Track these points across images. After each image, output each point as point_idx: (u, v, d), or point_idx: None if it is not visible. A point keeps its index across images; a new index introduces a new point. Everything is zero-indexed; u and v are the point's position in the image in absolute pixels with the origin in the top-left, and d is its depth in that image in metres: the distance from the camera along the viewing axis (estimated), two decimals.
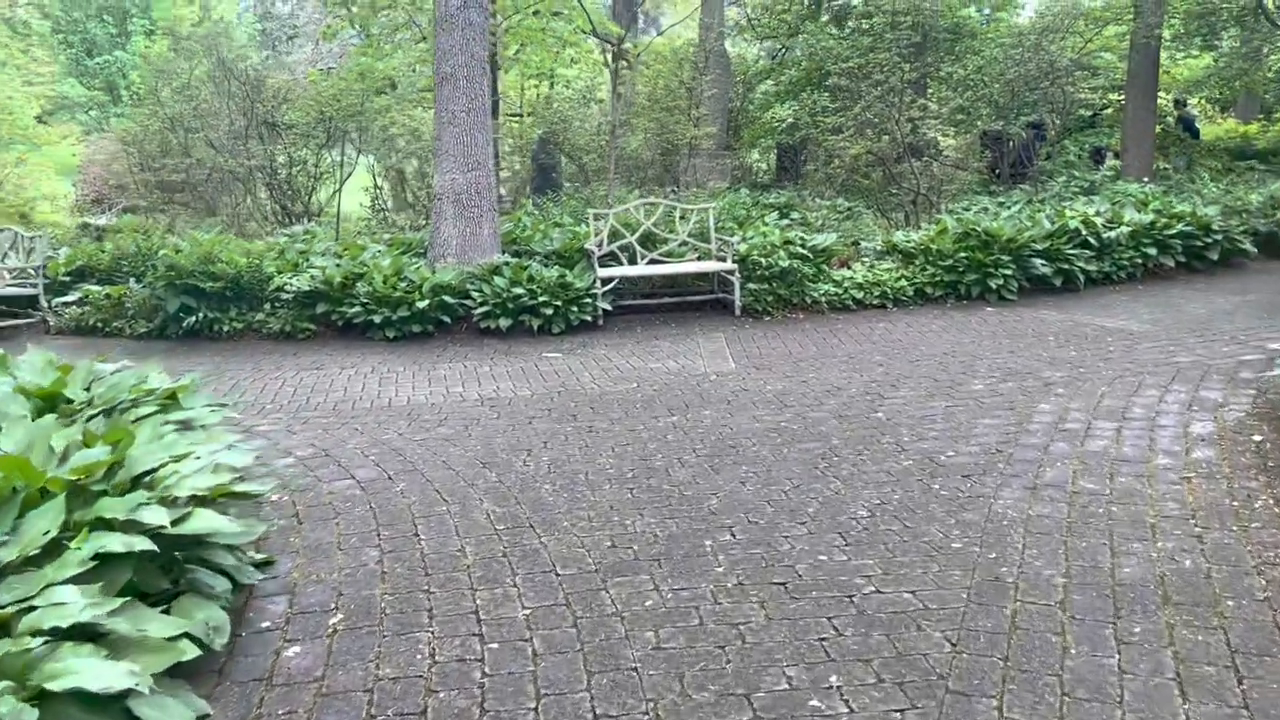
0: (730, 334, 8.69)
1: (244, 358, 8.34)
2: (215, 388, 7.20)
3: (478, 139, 9.59)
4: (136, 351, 8.73)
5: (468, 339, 8.79)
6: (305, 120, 15.94)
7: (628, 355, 7.96)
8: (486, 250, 9.65)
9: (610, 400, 6.51)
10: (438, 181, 9.78)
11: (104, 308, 9.51)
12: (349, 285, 8.92)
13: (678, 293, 9.94)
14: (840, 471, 4.93)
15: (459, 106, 9.51)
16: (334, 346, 8.64)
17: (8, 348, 9.31)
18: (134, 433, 3.42)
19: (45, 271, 10.44)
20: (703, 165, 17.86)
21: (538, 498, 4.65)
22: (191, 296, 9.09)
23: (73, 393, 4.43)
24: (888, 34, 14.22)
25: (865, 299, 9.53)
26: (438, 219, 9.73)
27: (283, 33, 56.81)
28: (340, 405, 6.58)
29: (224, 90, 13.84)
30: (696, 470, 5.01)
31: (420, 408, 6.47)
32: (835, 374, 7.07)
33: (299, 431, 5.92)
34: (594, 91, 19.49)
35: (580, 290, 8.96)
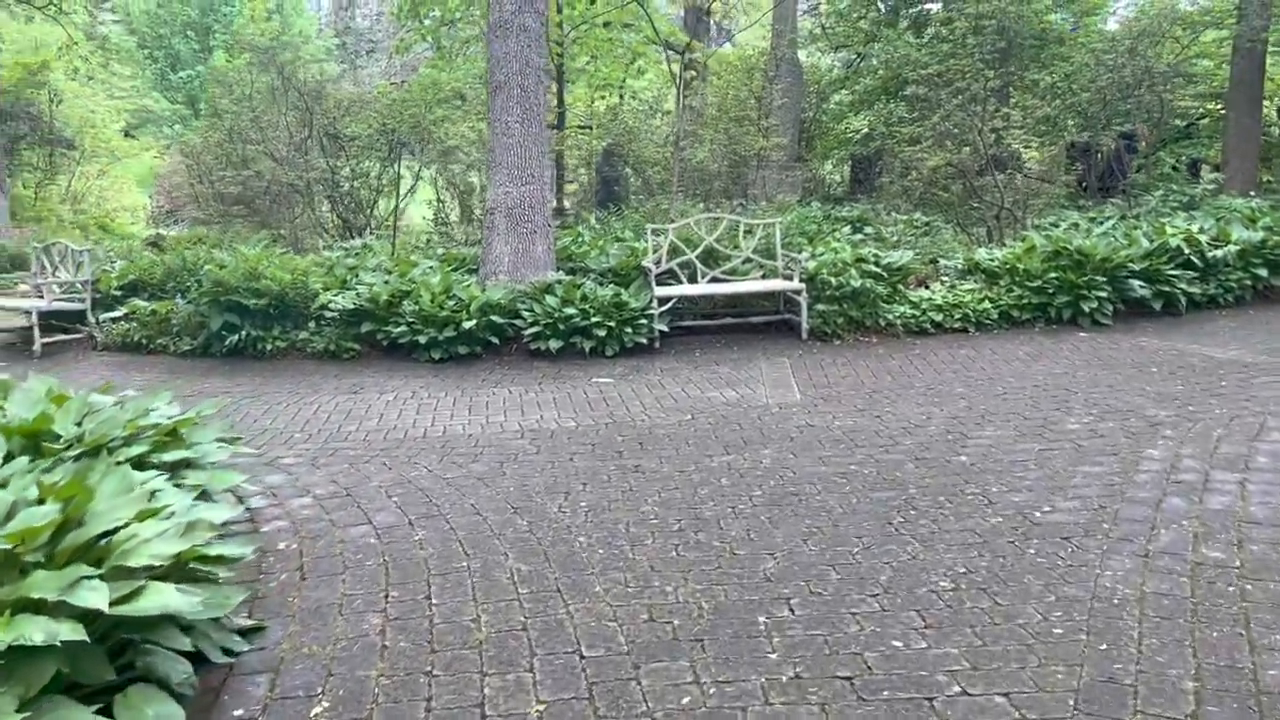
0: (796, 359, 8.06)
1: (284, 379, 7.97)
2: (247, 413, 6.82)
3: (532, 151, 9.14)
4: (177, 370, 8.44)
5: (516, 361, 8.31)
6: (368, 132, 15.73)
7: (683, 382, 7.39)
8: (540, 267, 9.18)
9: (661, 435, 5.95)
10: (490, 195, 9.36)
11: (149, 324, 9.27)
12: (395, 304, 8.52)
13: (740, 313, 9.34)
14: (918, 529, 4.29)
15: (513, 117, 9.07)
16: (377, 368, 8.24)
17: (54, 364, 9.14)
18: (93, 488, 2.97)
19: (97, 285, 10.28)
20: (772, 177, 17.24)
21: (570, 553, 4.11)
22: (235, 314, 8.78)
23: (62, 428, 4.02)
24: (970, 39, 13.45)
25: (945, 322, 8.82)
26: (490, 234, 9.30)
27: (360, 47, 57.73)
28: (372, 436, 6.13)
29: (282, 101, 13.64)
30: (752, 523, 4.42)
31: (456, 440, 5.99)
32: (912, 408, 6.41)
33: (323, 466, 5.48)
34: (661, 103, 19.03)
35: (636, 310, 8.43)
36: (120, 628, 2.67)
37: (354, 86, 24.85)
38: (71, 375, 8.43)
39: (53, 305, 9.50)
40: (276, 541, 4.31)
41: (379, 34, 54.30)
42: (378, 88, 18.53)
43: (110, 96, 32.11)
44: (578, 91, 22.35)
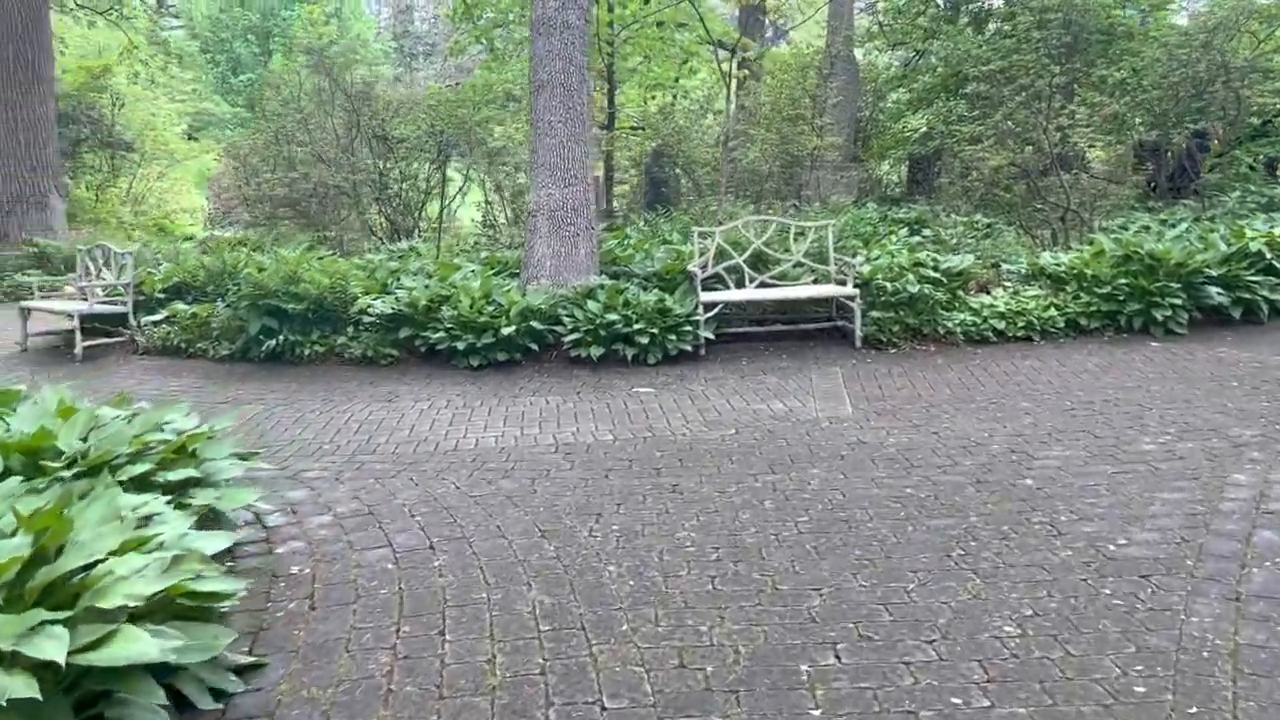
0: (849, 369, 7.68)
1: (320, 385, 7.79)
2: (278, 421, 6.63)
3: (575, 152, 8.86)
4: (214, 375, 8.31)
5: (556, 369, 8.04)
6: (416, 134, 15.61)
7: (729, 393, 7.05)
8: (582, 271, 8.90)
9: (702, 451, 5.62)
10: (532, 197, 9.10)
11: (189, 328, 9.16)
12: (434, 309, 8.30)
13: (790, 320, 8.97)
14: (980, 563, 3.91)
15: (555, 116, 8.80)
16: (414, 375, 8.02)
17: (94, 367, 9.08)
18: (70, 518, 2.73)
19: (141, 288, 10.23)
20: (826, 178, 16.80)
21: (597, 584, 3.81)
22: (274, 318, 8.63)
23: (66, 443, 3.82)
24: (1034, 34, 12.90)
25: (1008, 330, 8.36)
26: (531, 237, 9.04)
27: (418, 50, 58.14)
28: (402, 448, 5.89)
29: (329, 103, 13.55)
30: (797, 553, 4.08)
31: (488, 454, 5.72)
32: (973, 424, 6.01)
33: (348, 481, 5.24)
34: (712, 102, 18.67)
35: (680, 316, 8.11)
36: (90, 676, 2.42)
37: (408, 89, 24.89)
38: (109, 379, 8.34)
39: (94, 308, 9.43)
40: (290, 565, 4.07)
41: (436, 37, 54.66)
42: (428, 88, 18.43)
43: (171, 100, 32.57)
44: (630, 92, 22.11)
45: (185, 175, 31.01)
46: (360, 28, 50.14)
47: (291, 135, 14.01)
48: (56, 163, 17.00)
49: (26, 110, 16.10)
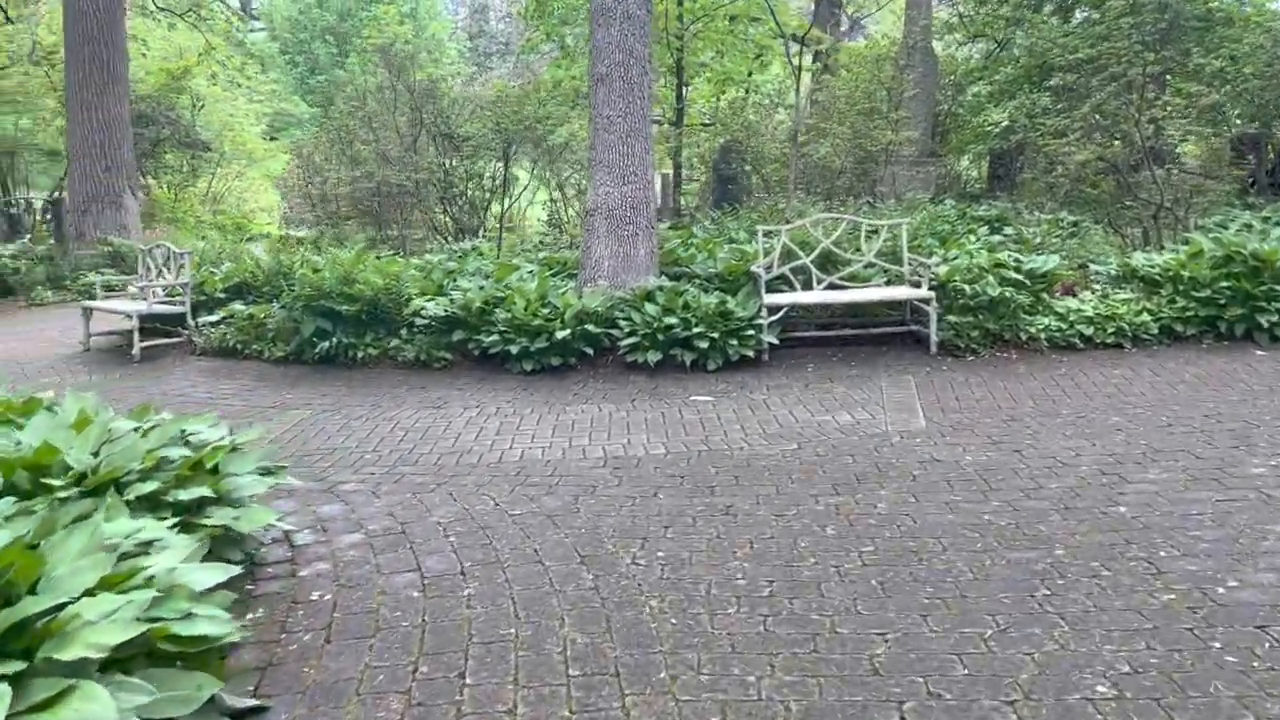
0: (923, 378, 7.20)
1: (370, 389, 7.58)
2: (323, 428, 6.42)
3: (634, 148, 8.52)
4: (267, 377, 8.17)
5: (611, 374, 7.71)
6: (481, 132, 15.45)
7: (792, 403, 6.64)
8: (642, 272, 8.56)
9: (760, 468, 5.23)
10: (590, 195, 8.79)
11: (245, 329, 9.06)
12: (488, 311, 8.04)
13: (860, 324, 8.51)
14: (1068, 606, 3.47)
15: (614, 111, 8.47)
16: (466, 379, 7.77)
17: (150, 368, 9.03)
18: (40, 554, 2.48)
19: (203, 288, 10.19)
20: (902, 174, 16.20)
21: (636, 621, 3.46)
22: (328, 319, 8.47)
23: (76, 458, 3.60)
24: (1125, 20, 12.17)
25: (1096, 336, 7.78)
26: (589, 237, 8.73)
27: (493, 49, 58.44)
28: (445, 459, 5.62)
29: (391, 101, 13.44)
30: (860, 589, 3.67)
31: (532, 467, 5.41)
32: (1058, 441, 5.51)
33: (385, 494, 4.98)
34: (784, 97, 18.18)
35: (742, 320, 7.71)
36: None
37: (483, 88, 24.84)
38: (162, 380, 8.27)
39: (153, 308, 9.40)
40: (311, 590, 3.80)
41: (511, 35, 54.87)
42: (495, 86, 18.29)
43: (250, 100, 33.10)
44: (703, 88, 21.72)
45: (263, 175, 31.48)
46: (435, 28, 50.53)
47: (355, 134, 13.93)
48: (131, 163, 17.24)
49: (102, 111, 16.34)
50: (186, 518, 3.63)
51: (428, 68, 32.07)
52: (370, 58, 21.77)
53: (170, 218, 23.43)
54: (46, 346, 10.42)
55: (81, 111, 16.34)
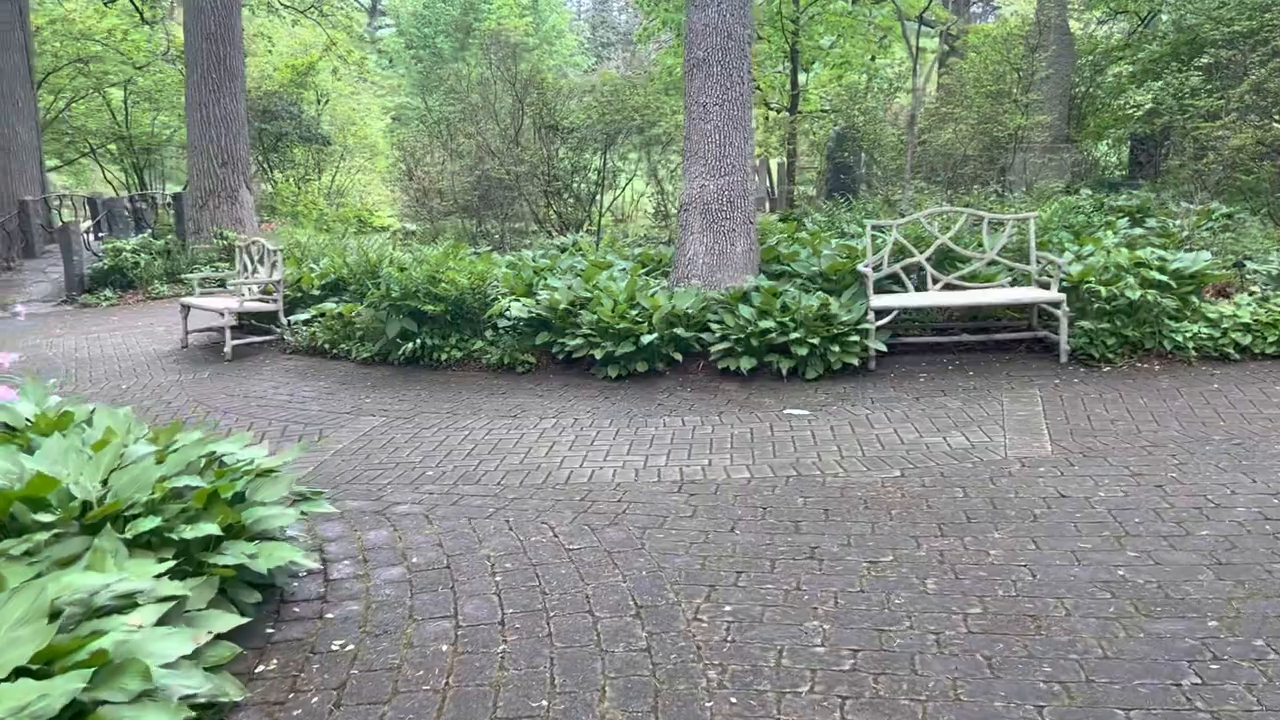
0: (1050, 392, 6.42)
1: (449, 394, 7.24)
2: (390, 439, 6.09)
3: (732, 137, 7.94)
4: (350, 380, 7.93)
5: (701, 382, 7.16)
6: (586, 122, 15.07)
7: (897, 420, 5.97)
8: (739, 270, 7.99)
9: (855, 499, 4.62)
10: (685, 189, 8.25)
11: (334, 328, 8.87)
12: (574, 312, 7.60)
13: (981, 329, 7.74)
14: (1225, 702, 2.78)
15: (710, 98, 7.91)
16: (549, 385, 7.35)
17: (239, 367, 8.92)
18: None
19: (299, 284, 10.08)
20: (1033, 161, 15.10)
21: (689, 698, 2.93)
22: (413, 319, 8.19)
23: (83, 487, 3.29)
24: None
25: (1255, 346, 6.84)
26: (683, 233, 8.20)
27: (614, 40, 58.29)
28: (509, 479, 5.18)
29: (492, 92, 13.15)
30: (962, 666, 3.06)
31: (601, 490, 4.92)
32: (1210, 474, 4.72)
33: (439, 519, 4.57)
34: (904, 81, 17.22)
35: (846, 324, 7.06)
36: None
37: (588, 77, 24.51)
38: (247, 380, 8.12)
39: (245, 305, 9.31)
40: (334, 638, 3.40)
41: (631, 25, 54.53)
42: (602, 75, 17.89)
43: (376, 95, 33.62)
44: (822, 73, 20.86)
45: (386, 169, 31.90)
46: (555, 20, 50.65)
47: (457, 127, 13.71)
48: (246, 158, 17.51)
49: (219, 107, 16.63)
50: (202, 556, 3.28)
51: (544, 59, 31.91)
52: (491, 51, 21.72)
53: (292, 212, 23.83)
54: (149, 342, 10.51)
55: (200, 108, 16.66)
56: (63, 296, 14.89)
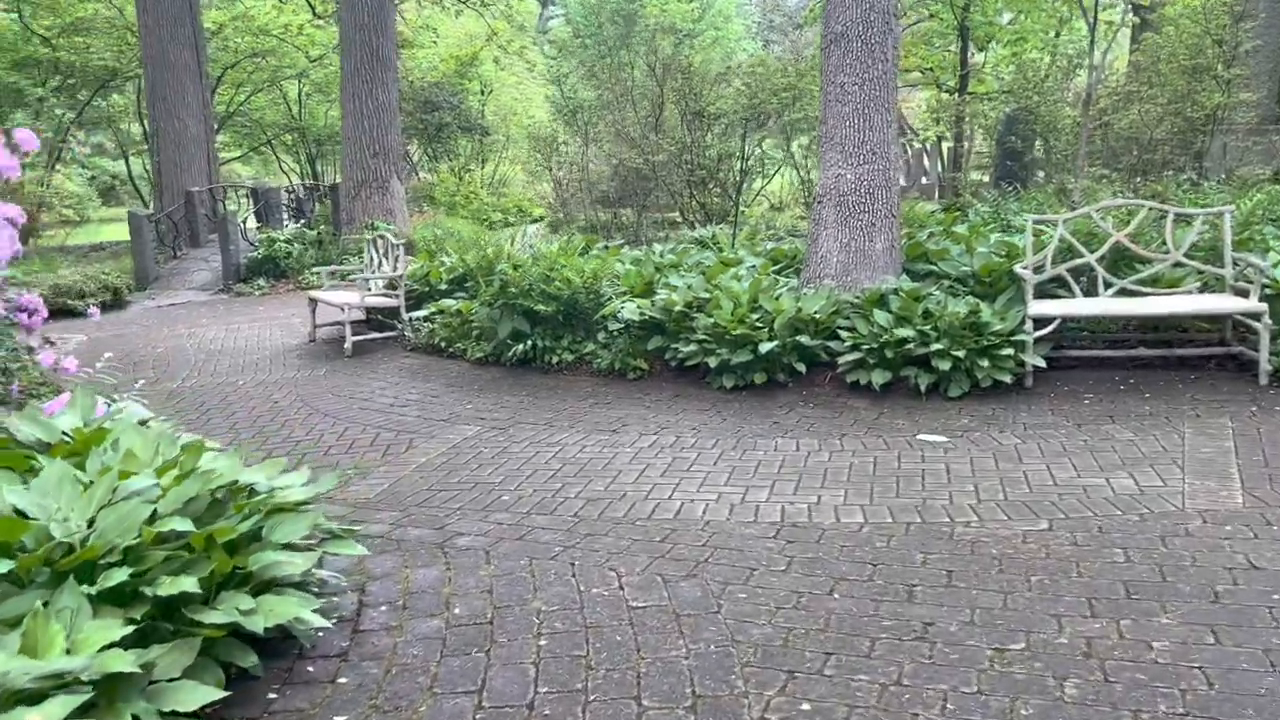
0: (1245, 424, 5.35)
1: (552, 402, 6.77)
2: (477, 454, 5.64)
3: (874, 121, 7.11)
4: (459, 382, 7.58)
5: (826, 397, 6.40)
6: (733, 108, 14.36)
7: (1052, 453, 5.07)
8: (878, 270, 7.16)
9: (988, 559, 3.81)
10: (820, 179, 7.47)
11: (451, 325, 8.55)
12: (690, 315, 6.98)
13: (1162, 341, 6.64)
14: None
15: (849, 78, 7.10)
16: (658, 395, 6.76)
17: (357, 364, 8.69)
18: None
19: (428, 278, 9.84)
20: (1235, 145, 13.38)
21: None
22: (526, 319, 7.76)
23: (67, 526, 2.92)
24: None
25: None
26: (816, 228, 7.43)
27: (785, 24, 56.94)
28: (588, 509, 4.62)
29: (630, 78, 12.61)
30: None
31: (686, 529, 4.29)
32: None
33: (499, 558, 4.05)
34: (1085, 58, 15.65)
35: (999, 335, 6.15)
36: None
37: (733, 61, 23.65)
38: (358, 380, 7.90)
39: (367, 300, 9.13)
40: (336, 712, 2.92)
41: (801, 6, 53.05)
42: (753, 58, 17.10)
43: (540, 85, 33.71)
44: (998, 50, 19.40)
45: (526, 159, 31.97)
46: (723, 4, 49.88)
47: (598, 115, 13.26)
48: (397, 148, 17.66)
49: (371, 98, 16.79)
50: (190, 611, 2.86)
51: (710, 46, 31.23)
52: (655, 38, 21.16)
53: (450, 202, 24.07)
54: (283, 335, 10.53)
55: (353, 99, 16.87)
56: (220, 285, 15.36)
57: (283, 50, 26.05)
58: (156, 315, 13.00)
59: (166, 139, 18.71)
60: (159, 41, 18.45)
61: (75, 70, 22.84)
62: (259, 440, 6.20)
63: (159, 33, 18.42)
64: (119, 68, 22.93)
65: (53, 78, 22.92)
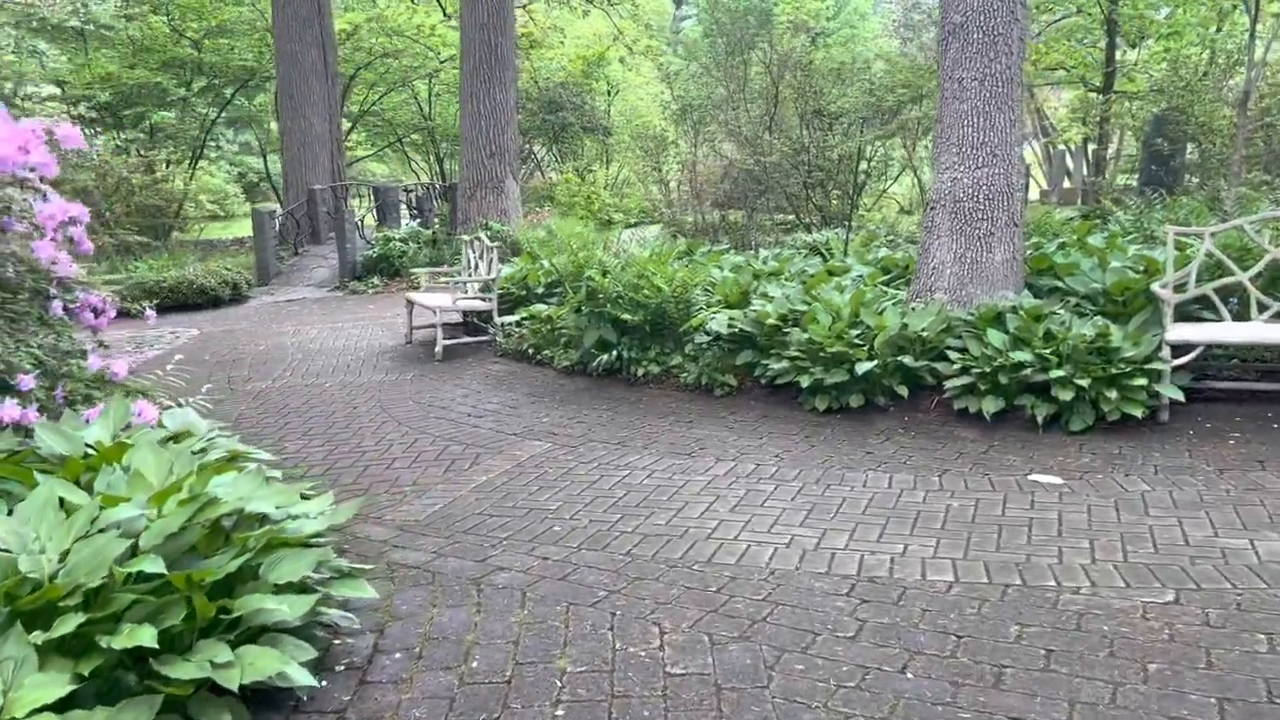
0: None
1: (631, 418, 6.36)
2: (541, 474, 5.28)
3: (995, 121, 6.44)
4: (543, 392, 7.27)
5: (930, 425, 5.79)
6: (852, 106, 13.68)
7: (1187, 505, 4.37)
8: (996, 284, 6.49)
9: (1097, 637, 3.21)
10: (934, 183, 6.84)
11: (540, 332, 8.26)
12: (783, 329, 6.46)
13: None
14: None
15: (969, 73, 6.45)
16: (743, 416, 6.27)
17: (445, 370, 8.48)
18: None
19: (525, 281, 9.60)
20: None
21: None
22: (614, 328, 7.39)
23: (38, 560, 2.68)
24: None
25: None
26: (928, 237, 6.80)
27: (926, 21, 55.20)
28: (643, 547, 4.18)
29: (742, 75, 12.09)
30: None
31: (748, 578, 3.80)
32: None
33: (534, 602, 3.66)
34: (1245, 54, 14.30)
35: (1131, 361, 5.43)
36: None
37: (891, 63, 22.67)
38: (441, 386, 7.68)
39: (458, 303, 8.92)
40: None
41: None
42: (878, 54, 16.31)
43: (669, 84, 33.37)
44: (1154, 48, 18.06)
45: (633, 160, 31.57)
46: (859, 1, 48.66)
47: (710, 115, 12.80)
48: (513, 149, 17.58)
49: (489, 98, 16.74)
50: (157, 664, 2.57)
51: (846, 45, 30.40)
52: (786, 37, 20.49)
53: (570, 202, 23.98)
54: (383, 335, 10.47)
55: (471, 99, 16.87)
56: (335, 283, 15.56)
57: (414, 50, 26.46)
58: (270, 311, 13.21)
59: (292, 137, 19.17)
60: (288, 42, 18.92)
61: (217, 70, 23.71)
62: (328, 448, 6.00)
63: (289, 33, 18.89)
64: (257, 68, 23.69)
65: (197, 78, 23.87)
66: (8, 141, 3.84)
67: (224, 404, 7.44)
